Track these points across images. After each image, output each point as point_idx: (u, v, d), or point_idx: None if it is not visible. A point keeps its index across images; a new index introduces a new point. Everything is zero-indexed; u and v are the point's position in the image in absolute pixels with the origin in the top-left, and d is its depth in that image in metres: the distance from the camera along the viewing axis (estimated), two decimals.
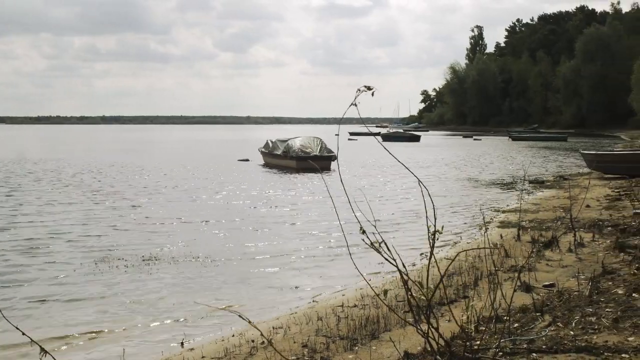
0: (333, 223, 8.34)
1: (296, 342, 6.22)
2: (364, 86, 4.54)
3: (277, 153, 32.63)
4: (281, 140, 33.56)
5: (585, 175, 23.29)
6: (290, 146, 31.54)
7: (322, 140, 32.25)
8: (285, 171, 29.99)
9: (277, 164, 32.65)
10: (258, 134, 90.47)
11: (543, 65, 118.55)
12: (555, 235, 10.02)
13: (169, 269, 10.25)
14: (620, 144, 51.89)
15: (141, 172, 29.43)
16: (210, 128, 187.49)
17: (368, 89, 4.54)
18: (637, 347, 4.74)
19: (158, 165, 33.94)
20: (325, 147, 31.51)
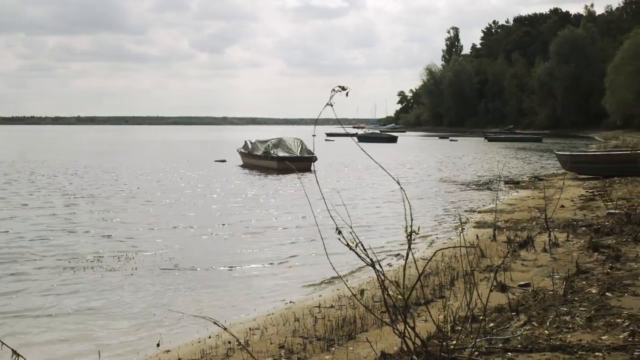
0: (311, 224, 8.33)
1: (273, 343, 6.21)
2: (339, 86, 4.55)
3: (258, 154, 32.54)
4: (261, 141, 33.51)
5: (560, 175, 23.50)
6: (271, 147, 31.48)
7: (302, 141, 32.31)
8: (265, 172, 29.90)
9: (257, 164, 32.57)
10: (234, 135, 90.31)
11: (518, 66, 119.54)
12: (531, 235, 10.09)
13: (145, 272, 10.18)
14: (594, 145, 52.46)
15: (116, 174, 29.02)
16: (187, 129, 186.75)
17: (342, 89, 4.55)
18: (611, 346, 4.79)
19: (133, 167, 33.67)
20: (306, 148, 31.58)
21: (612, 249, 8.63)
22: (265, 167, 31.29)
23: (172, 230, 14.13)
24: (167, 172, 30.81)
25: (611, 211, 11.93)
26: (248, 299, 8.69)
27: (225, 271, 10.32)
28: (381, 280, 4.77)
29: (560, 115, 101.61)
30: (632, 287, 6.46)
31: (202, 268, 10.45)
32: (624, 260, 7.90)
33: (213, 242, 12.84)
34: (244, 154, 35.07)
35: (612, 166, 20.71)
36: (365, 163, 7.64)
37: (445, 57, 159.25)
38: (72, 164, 35.24)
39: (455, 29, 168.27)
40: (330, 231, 4.84)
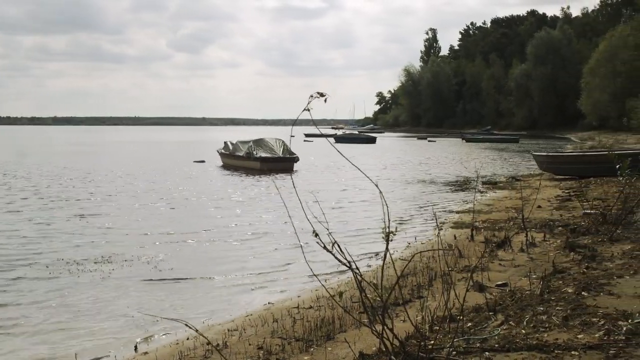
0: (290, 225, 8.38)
1: (251, 344, 6.19)
2: (317, 93, 4.55)
3: (239, 155, 32.43)
4: (242, 141, 33.42)
5: (537, 176, 23.67)
6: (253, 148, 31.40)
7: (284, 142, 32.34)
8: (248, 173, 29.80)
9: (239, 165, 32.45)
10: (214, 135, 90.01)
11: (496, 68, 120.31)
12: (508, 235, 10.17)
13: (122, 275, 10.10)
14: (570, 146, 52.94)
15: (92, 176, 28.59)
16: (166, 129, 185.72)
17: (321, 95, 4.55)
18: (586, 345, 4.83)
19: (111, 169, 33.36)
20: (288, 148, 31.60)
21: (588, 249, 8.72)
22: (248, 168, 31.22)
23: (151, 232, 14.02)
24: (146, 173, 30.59)
25: (587, 211, 12.04)
26: (227, 300, 8.66)
27: (204, 272, 10.27)
28: (358, 282, 4.78)
29: (537, 116, 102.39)
30: (607, 286, 6.52)
31: (180, 269, 10.39)
32: (600, 260, 7.98)
33: (192, 242, 12.77)
34: (224, 154, 34.93)
35: (588, 167, 20.89)
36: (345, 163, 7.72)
37: (423, 58, 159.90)
38: (49, 166, 34.92)
39: (434, 30, 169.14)
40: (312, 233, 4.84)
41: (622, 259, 7.88)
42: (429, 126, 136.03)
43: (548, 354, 4.74)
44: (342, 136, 74.13)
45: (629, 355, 4.60)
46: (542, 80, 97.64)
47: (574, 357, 4.66)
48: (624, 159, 10.65)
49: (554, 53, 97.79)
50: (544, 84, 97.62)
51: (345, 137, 72.41)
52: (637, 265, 7.42)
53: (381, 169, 32.90)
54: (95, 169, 32.57)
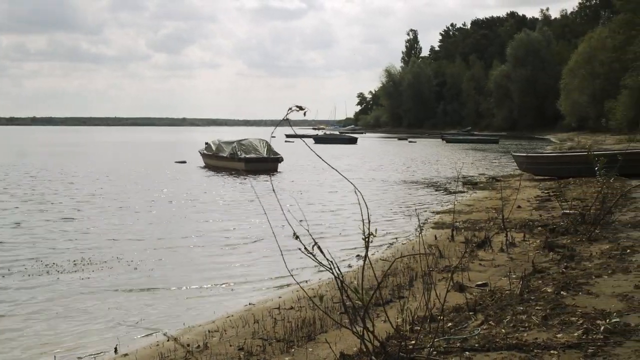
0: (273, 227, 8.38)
1: (232, 345, 6.18)
2: (296, 106, 4.56)
3: (223, 155, 32.35)
4: (226, 142, 33.33)
5: (517, 176, 23.81)
6: (238, 148, 31.36)
7: (268, 142, 32.40)
8: (232, 173, 29.70)
9: (222, 166, 32.35)
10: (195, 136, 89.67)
11: (476, 69, 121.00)
12: (488, 235, 10.22)
13: (101, 276, 10.04)
14: (549, 147, 53.33)
15: (74, 178, 28.27)
16: (146, 130, 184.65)
17: (300, 108, 4.56)
18: (565, 344, 4.87)
19: (91, 169, 33.13)
20: (272, 149, 31.67)
21: (567, 249, 8.79)
22: (232, 169, 31.15)
23: (131, 235, 13.95)
24: (126, 174, 30.39)
25: (566, 211, 12.13)
26: (207, 301, 8.63)
27: (184, 273, 10.24)
28: (339, 283, 4.79)
29: (516, 117, 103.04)
30: (586, 286, 6.58)
31: (160, 270, 10.36)
32: (579, 260, 8.04)
33: (174, 244, 12.71)
34: (207, 155, 34.79)
35: (567, 167, 21.05)
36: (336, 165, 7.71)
37: (404, 59, 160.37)
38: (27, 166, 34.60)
39: (414, 31, 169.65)
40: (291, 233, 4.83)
41: (600, 259, 7.95)
42: (409, 127, 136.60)
43: (527, 354, 4.77)
44: (323, 137, 74.08)
45: (607, 354, 4.64)
46: (522, 82, 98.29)
47: (553, 356, 4.69)
48: (602, 160, 10.75)
49: (534, 54, 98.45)
50: (524, 85, 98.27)
51: (326, 138, 72.40)
52: (615, 265, 7.49)
53: (362, 169, 32.95)
54: (75, 170, 32.17)
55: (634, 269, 7.19)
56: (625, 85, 56.29)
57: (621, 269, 7.26)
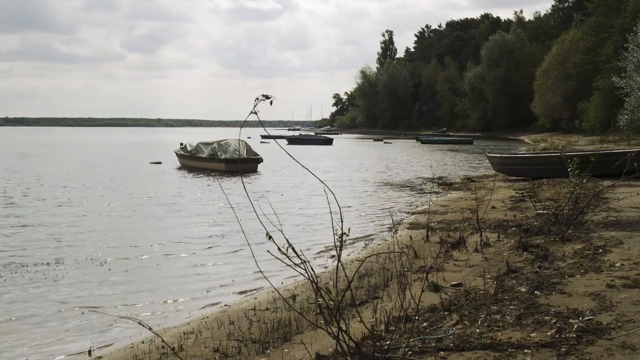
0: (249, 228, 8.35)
1: (207, 346, 6.15)
2: (262, 95, 4.56)
3: (202, 156, 32.23)
4: (204, 143, 33.23)
5: (491, 177, 23.99)
6: (218, 149, 31.32)
7: (247, 143, 32.45)
8: (211, 174, 29.53)
9: (201, 166, 32.19)
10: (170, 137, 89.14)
11: (451, 70, 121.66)
12: (463, 235, 10.28)
13: (76, 276, 9.94)
14: (523, 147, 53.78)
15: (45, 179, 27.83)
16: (120, 130, 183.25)
17: (266, 97, 4.56)
18: (539, 343, 4.91)
19: (64, 170, 32.79)
20: (251, 149, 31.71)
21: (540, 249, 8.87)
22: (211, 169, 31.05)
23: (106, 235, 13.83)
24: (100, 176, 30.10)
25: (540, 212, 12.24)
26: (182, 303, 8.58)
27: (159, 275, 10.18)
28: (314, 284, 4.79)
29: (491, 118, 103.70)
30: (559, 285, 6.64)
31: (134, 271, 10.27)
32: (552, 260, 8.12)
33: (149, 244, 12.62)
34: (184, 156, 34.60)
35: (541, 168, 21.26)
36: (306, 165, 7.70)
37: (380, 60, 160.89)
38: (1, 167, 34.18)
39: (390, 32, 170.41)
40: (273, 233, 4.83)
41: (573, 259, 8.04)
42: (385, 127, 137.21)
43: (502, 353, 4.81)
44: (297, 138, 74.01)
45: (579, 352, 4.69)
46: (496, 83, 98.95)
47: (526, 355, 4.73)
48: (575, 161, 10.87)
49: (508, 56, 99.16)
50: (498, 86, 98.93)
51: (300, 139, 72.38)
52: (587, 264, 7.57)
53: (338, 170, 32.98)
54: (47, 171, 31.67)
55: (606, 269, 7.27)
56: (598, 86, 56.92)
57: (593, 268, 7.34)
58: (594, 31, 67.01)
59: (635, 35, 39.54)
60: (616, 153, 18.15)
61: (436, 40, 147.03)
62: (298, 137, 74.75)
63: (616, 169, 10.90)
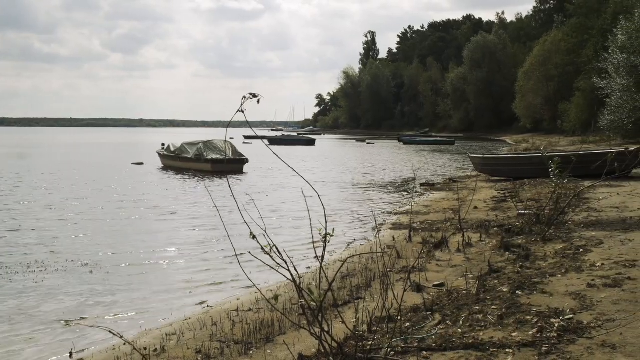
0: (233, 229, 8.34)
1: (190, 348, 6.13)
2: (250, 93, 4.55)
3: (188, 156, 32.14)
4: (189, 143, 33.17)
5: (473, 177, 24.09)
6: (204, 149, 31.29)
7: (233, 144, 32.50)
8: (196, 174, 29.40)
9: (186, 167, 32.05)
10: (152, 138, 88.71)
11: (433, 71, 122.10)
12: (445, 236, 10.32)
13: (56, 277, 9.87)
14: (505, 148, 54.07)
15: (24, 181, 27.50)
16: (102, 131, 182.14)
17: (253, 96, 4.55)
18: (520, 342, 4.94)
19: (43, 172, 32.47)
20: (236, 150, 31.75)
21: (522, 249, 8.92)
22: (197, 170, 30.98)
23: (87, 235, 13.74)
24: (81, 177, 29.88)
25: (521, 212, 12.32)
26: (164, 304, 8.54)
27: (141, 276, 10.12)
28: (297, 285, 4.79)
29: (473, 118, 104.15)
30: (540, 285, 6.69)
31: (116, 272, 10.21)
32: (533, 259, 8.18)
33: (129, 246, 12.56)
34: (168, 156, 34.43)
35: (522, 168, 21.39)
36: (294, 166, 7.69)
37: (362, 61, 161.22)
38: None
39: (372, 33, 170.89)
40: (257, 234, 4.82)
41: (554, 258, 8.09)
42: (368, 128, 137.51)
43: (483, 352, 4.83)
44: (279, 138, 73.88)
45: (560, 351, 4.73)
46: (478, 84, 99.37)
47: (508, 355, 4.76)
48: (556, 161, 10.95)
49: (490, 57, 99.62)
50: (480, 87, 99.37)
51: (282, 139, 72.31)
52: (568, 264, 7.63)
53: (321, 171, 32.97)
54: (26, 173, 31.22)
55: (586, 268, 7.33)
56: (579, 87, 57.39)
57: (574, 268, 7.40)
58: (575, 32, 67.49)
59: (615, 36, 39.87)
60: (596, 154, 18.30)
61: (418, 41, 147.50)
62: (279, 138, 74.58)
63: (596, 170, 10.99)
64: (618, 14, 46.37)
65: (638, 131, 37.54)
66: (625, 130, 38.44)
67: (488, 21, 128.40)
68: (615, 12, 49.79)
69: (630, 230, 9.79)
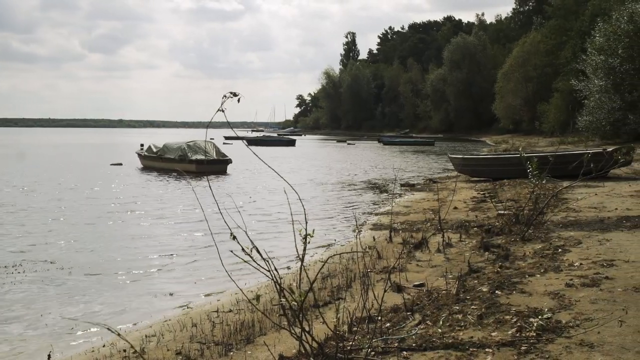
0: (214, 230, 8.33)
1: (170, 349, 6.11)
2: (230, 92, 4.54)
3: (171, 157, 31.99)
4: (172, 144, 33.09)
5: (453, 178, 24.17)
6: (188, 150, 31.26)
7: (216, 145, 32.58)
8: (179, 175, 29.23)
9: (169, 167, 31.81)
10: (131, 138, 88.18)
11: (413, 72, 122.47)
12: (425, 236, 10.35)
13: (34, 279, 9.77)
14: (485, 148, 54.37)
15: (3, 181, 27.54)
16: (81, 131, 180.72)
17: (234, 95, 4.54)
18: (500, 342, 4.97)
19: (21, 173, 32.18)
20: (220, 150, 31.79)
21: (501, 249, 8.98)
22: (180, 170, 30.82)
23: (69, 237, 13.62)
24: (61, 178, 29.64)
25: (501, 212, 12.39)
26: (144, 306, 8.49)
27: (120, 278, 10.05)
28: (278, 285, 4.79)
29: (453, 119, 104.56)
30: (519, 284, 6.73)
31: (95, 274, 10.14)
32: (513, 259, 8.23)
33: (109, 247, 12.47)
34: (149, 157, 34.20)
35: (502, 169, 21.51)
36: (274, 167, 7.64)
37: (343, 62, 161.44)
38: None
39: (353, 34, 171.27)
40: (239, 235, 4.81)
41: (533, 258, 8.15)
42: (348, 129, 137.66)
43: (463, 352, 4.85)
44: (258, 139, 73.68)
45: (539, 351, 4.76)
46: (458, 85, 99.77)
47: (488, 354, 4.79)
48: (534, 162, 11.02)
49: (470, 58, 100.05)
50: (460, 88, 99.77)
51: (262, 140, 72.17)
52: (547, 264, 7.68)
53: (301, 172, 32.95)
54: (1, 174, 31.11)
55: (565, 268, 7.39)
56: (557, 88, 57.82)
57: (553, 267, 7.45)
58: (554, 34, 67.99)
59: (593, 38, 40.22)
60: (573, 154, 18.44)
61: (399, 42, 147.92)
62: (259, 138, 74.34)
63: (574, 170, 11.09)
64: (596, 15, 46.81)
65: (615, 132, 37.91)
66: (603, 131, 38.81)
67: (468, 22, 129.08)
68: (593, 14, 50.27)
69: (608, 230, 9.89)
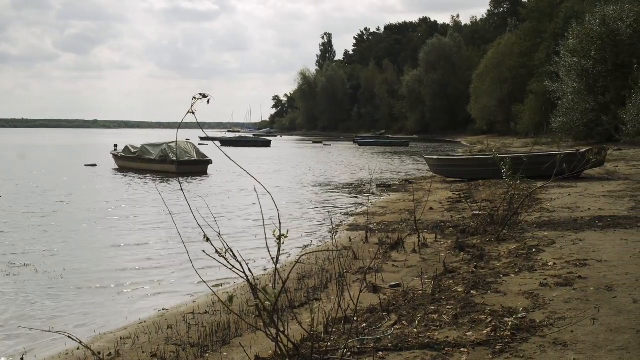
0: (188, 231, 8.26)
1: (145, 351, 6.07)
2: (199, 94, 4.53)
3: (151, 158, 31.75)
4: (151, 144, 32.85)
5: (429, 179, 24.28)
6: (168, 151, 31.00)
7: (195, 145, 32.45)
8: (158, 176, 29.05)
9: (148, 168, 31.57)
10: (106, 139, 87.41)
11: (389, 73, 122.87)
12: (401, 236, 10.39)
13: (6, 280, 9.66)
14: (460, 149, 54.68)
15: None
16: (55, 132, 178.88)
17: (203, 96, 4.53)
18: (475, 341, 5.00)
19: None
20: (200, 151, 31.67)
21: (476, 249, 9.04)
22: (161, 171, 30.64)
23: (42, 238, 13.48)
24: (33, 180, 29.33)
25: (476, 212, 12.46)
26: (119, 308, 8.42)
27: (95, 279, 9.96)
28: (251, 283, 4.78)
29: (429, 120, 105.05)
30: (494, 284, 6.78)
31: (69, 276, 10.04)
32: (488, 259, 8.28)
33: (84, 249, 12.37)
34: (126, 157, 33.78)
35: (477, 169, 21.63)
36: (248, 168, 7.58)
37: (319, 62, 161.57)
38: None
39: (329, 35, 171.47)
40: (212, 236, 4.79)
41: (508, 258, 8.21)
42: (324, 129, 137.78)
43: (439, 352, 4.88)
44: (233, 139, 73.40)
45: (514, 350, 4.80)
46: (434, 86, 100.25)
47: (463, 354, 4.82)
48: (508, 162, 11.10)
49: (445, 59, 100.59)
50: (435, 89, 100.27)
51: (237, 140, 71.96)
52: (521, 264, 7.75)
53: (277, 173, 32.89)
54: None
55: (539, 268, 7.45)
56: (531, 90, 58.35)
57: (527, 267, 7.52)
58: (528, 36, 68.60)
59: (566, 40, 40.65)
60: (547, 155, 18.60)
61: (375, 43, 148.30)
62: (234, 139, 74.04)
63: (547, 170, 11.18)
64: (569, 18, 47.32)
65: (589, 133, 38.36)
66: (577, 132, 39.27)
67: (443, 24, 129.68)
68: (567, 17, 50.79)
69: (581, 230, 9.99)
